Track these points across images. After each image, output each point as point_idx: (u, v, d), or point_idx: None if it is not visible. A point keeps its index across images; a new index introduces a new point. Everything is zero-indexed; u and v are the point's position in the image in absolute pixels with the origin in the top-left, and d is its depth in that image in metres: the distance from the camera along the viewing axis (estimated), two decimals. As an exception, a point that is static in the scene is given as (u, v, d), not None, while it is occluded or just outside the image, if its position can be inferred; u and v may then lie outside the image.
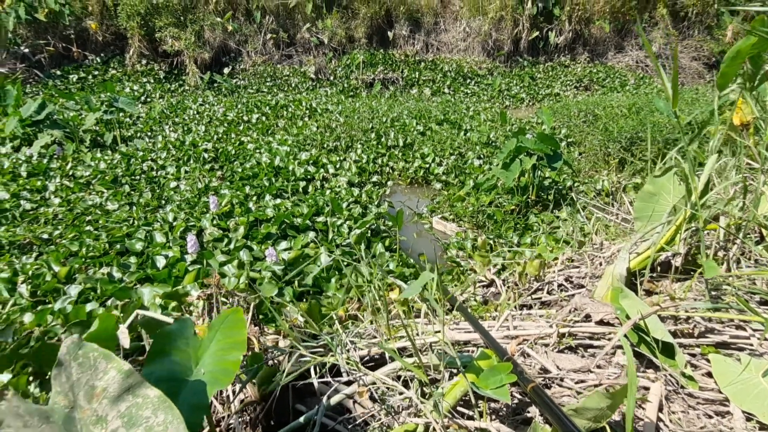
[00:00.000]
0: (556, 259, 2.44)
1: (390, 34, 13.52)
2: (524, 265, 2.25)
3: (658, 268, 2.08)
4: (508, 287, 2.30)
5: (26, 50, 11.07)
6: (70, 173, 5.95)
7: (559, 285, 2.22)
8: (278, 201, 5.01)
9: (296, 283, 3.50)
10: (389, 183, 6.25)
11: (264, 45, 12.62)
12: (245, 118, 8.65)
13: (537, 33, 13.70)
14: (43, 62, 11.27)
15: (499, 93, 12.01)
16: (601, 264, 2.23)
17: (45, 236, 4.35)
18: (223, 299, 2.09)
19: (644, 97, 9.97)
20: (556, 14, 13.78)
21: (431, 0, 13.91)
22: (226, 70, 11.98)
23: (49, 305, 3.07)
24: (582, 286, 2.13)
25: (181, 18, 11.77)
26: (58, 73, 11.20)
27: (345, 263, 3.88)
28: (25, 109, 6.97)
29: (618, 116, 8.06)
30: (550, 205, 5.27)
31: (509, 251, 4.12)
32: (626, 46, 14.39)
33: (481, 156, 6.84)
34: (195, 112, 9.08)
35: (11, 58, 10.89)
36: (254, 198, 5.21)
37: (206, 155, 6.60)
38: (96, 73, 11.39)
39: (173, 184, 5.67)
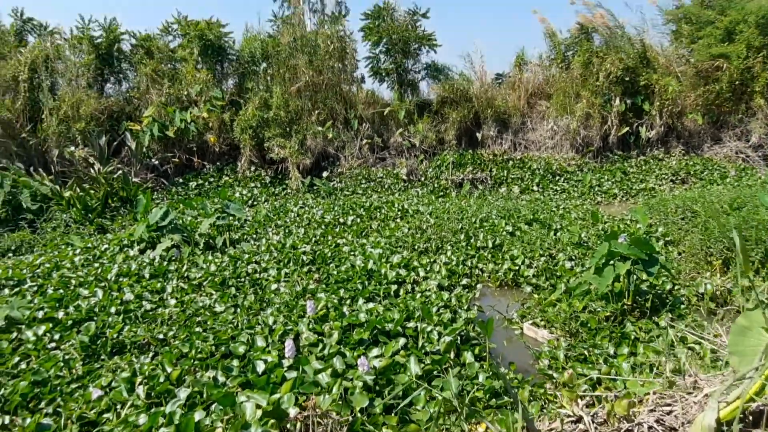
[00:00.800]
0: (647, 394, 2.33)
1: (478, 135, 14.04)
2: (612, 404, 2.18)
3: (750, 418, 1.93)
4: (596, 427, 2.22)
5: (156, 162, 12.74)
6: (185, 275, 6.56)
7: (650, 427, 2.10)
8: (371, 305, 5.18)
9: (386, 392, 3.55)
10: (478, 286, 6.25)
11: (360, 149, 13.56)
12: (341, 220, 9.18)
13: (627, 128, 13.59)
14: (169, 172, 12.87)
15: (590, 189, 11.84)
16: (692, 407, 2.10)
17: (161, 336, 4.79)
18: (318, 420, 2.22)
19: (747, 190, 9.33)
20: (645, 109, 13.67)
21: (518, 102, 14.42)
22: (324, 174, 12.94)
23: (162, 408, 3.35)
24: (674, 430, 2.01)
25: (287, 129, 13.07)
26: (180, 180, 12.69)
27: (435, 373, 3.91)
28: (152, 216, 7.91)
29: (719, 213, 7.60)
30: (648, 312, 5.00)
31: (604, 365, 3.93)
32: (723, 137, 13.78)
33: (573, 257, 6.69)
34: (296, 215, 9.79)
35: (144, 169, 12.55)
36: (348, 301, 5.43)
37: (304, 257, 7.03)
38: (212, 179, 12.78)
39: (274, 286, 6.06)
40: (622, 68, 13.49)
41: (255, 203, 11.72)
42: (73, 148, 11.92)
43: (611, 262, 5.00)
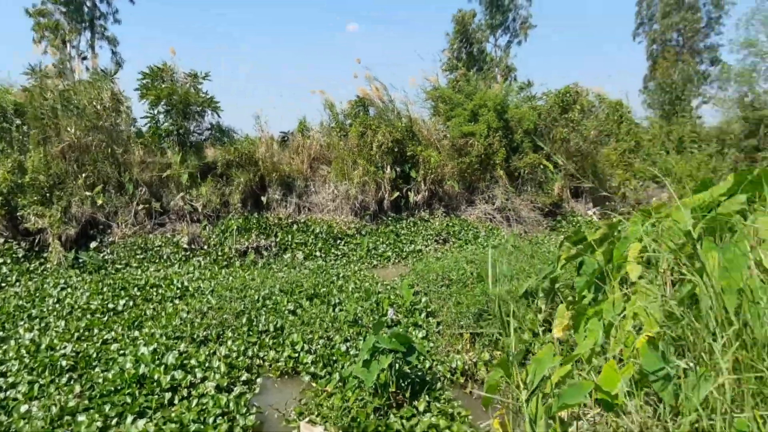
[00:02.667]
0: None
1: (264, 198, 14.31)
2: None
3: None
4: None
5: None
6: None
7: None
8: (141, 423, 4.97)
9: None
10: (259, 380, 6.33)
11: (135, 215, 12.67)
12: (110, 306, 8.47)
13: (398, 193, 15.35)
14: None
15: (368, 252, 12.98)
16: None
17: None
18: None
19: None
20: (413, 176, 15.64)
21: (301, 166, 15.18)
22: (93, 244, 11.74)
23: None
24: None
25: (47, 195, 11.62)
26: None
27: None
28: None
29: (468, 283, 8.93)
30: (408, 398, 5.65)
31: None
32: (475, 200, 16.52)
33: (348, 338, 7.26)
34: (55, 301, 8.72)
35: None
36: (115, 419, 5.11)
37: (64, 362, 6.34)
38: (-59, 256, 10.61)
39: (24, 407, 5.36)
40: (392, 140, 15.28)
41: (3, 285, 10.06)
42: None
43: (376, 356, 5.60)
